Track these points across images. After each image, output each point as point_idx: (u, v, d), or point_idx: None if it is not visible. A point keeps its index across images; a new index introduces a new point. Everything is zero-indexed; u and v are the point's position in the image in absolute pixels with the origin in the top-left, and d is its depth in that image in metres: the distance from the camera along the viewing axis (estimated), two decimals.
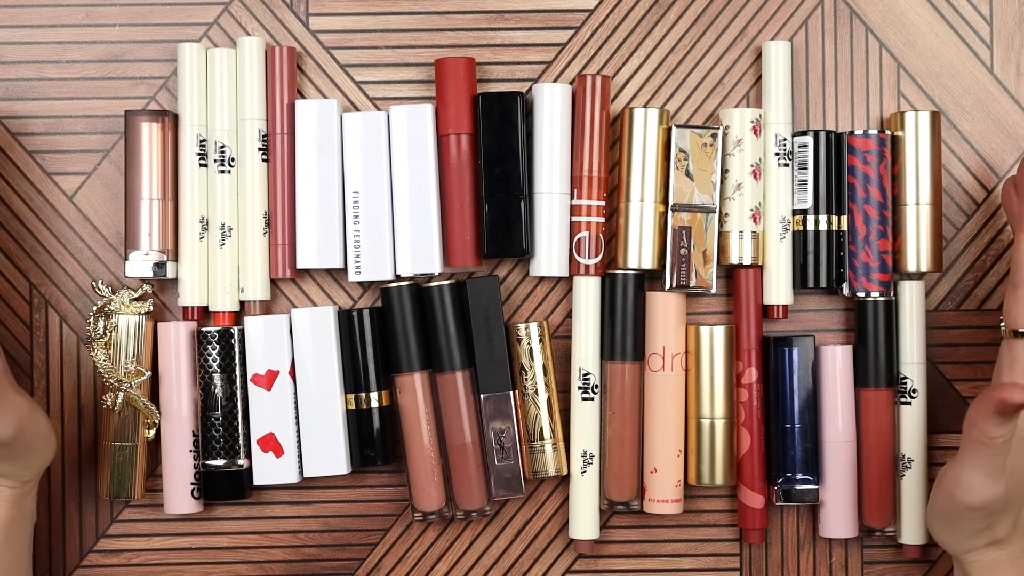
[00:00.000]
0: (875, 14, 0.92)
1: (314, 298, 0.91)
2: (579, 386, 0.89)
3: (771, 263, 0.90)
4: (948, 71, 0.92)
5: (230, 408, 0.89)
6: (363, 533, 0.92)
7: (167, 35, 0.91)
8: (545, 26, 0.92)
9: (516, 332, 0.89)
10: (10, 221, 0.91)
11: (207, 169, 0.89)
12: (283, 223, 0.89)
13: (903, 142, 0.89)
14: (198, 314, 0.90)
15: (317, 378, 0.89)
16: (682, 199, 0.89)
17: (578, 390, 0.89)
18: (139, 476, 0.89)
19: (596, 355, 0.89)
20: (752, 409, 0.89)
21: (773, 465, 0.90)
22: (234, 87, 0.89)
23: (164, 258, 0.88)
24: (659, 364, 0.89)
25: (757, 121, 0.89)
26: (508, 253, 0.88)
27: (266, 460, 0.89)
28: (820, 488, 0.90)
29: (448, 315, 0.88)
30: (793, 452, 0.89)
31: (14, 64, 0.91)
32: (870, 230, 0.89)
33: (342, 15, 0.91)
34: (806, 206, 0.89)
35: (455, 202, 0.88)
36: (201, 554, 0.91)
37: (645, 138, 0.89)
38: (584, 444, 0.89)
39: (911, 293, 0.90)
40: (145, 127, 0.88)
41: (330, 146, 0.89)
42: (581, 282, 0.89)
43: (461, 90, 0.89)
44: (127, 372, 0.88)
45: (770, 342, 0.89)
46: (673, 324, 0.89)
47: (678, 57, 0.92)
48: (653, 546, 0.92)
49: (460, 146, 0.89)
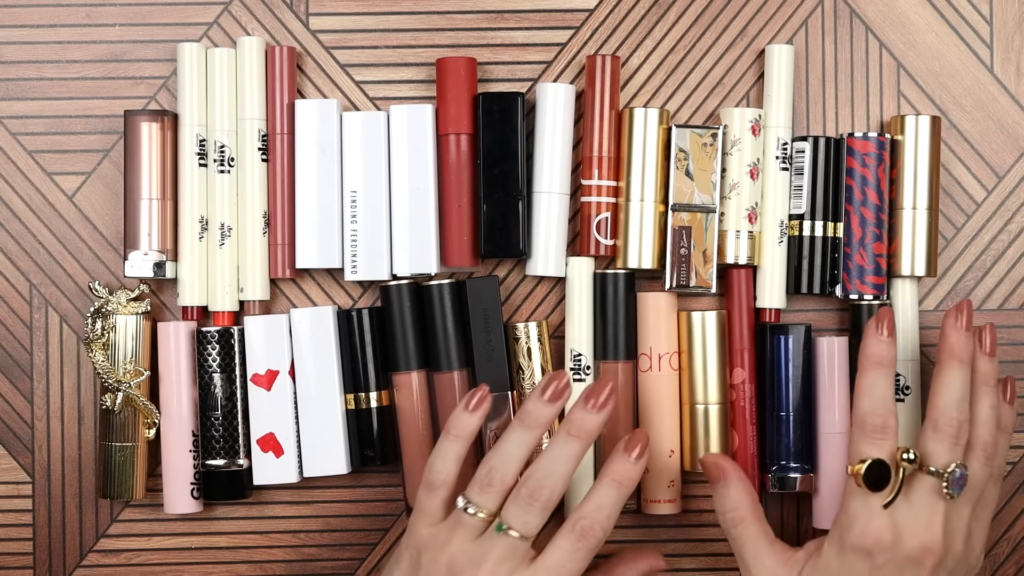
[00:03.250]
0: (875, 14, 0.92)
1: (314, 298, 0.91)
2: (571, 367, 0.89)
3: (766, 266, 0.90)
4: (948, 71, 0.92)
5: (230, 408, 0.89)
6: (363, 533, 0.92)
7: (167, 35, 0.91)
8: (545, 26, 0.92)
9: (514, 331, 0.89)
10: (10, 221, 0.91)
11: (207, 169, 0.89)
12: (283, 223, 0.89)
13: (902, 146, 0.89)
14: (198, 314, 0.90)
15: (317, 378, 0.89)
16: (682, 199, 0.89)
17: (570, 371, 0.89)
18: (139, 476, 0.89)
19: (589, 337, 0.89)
20: (741, 410, 0.89)
21: (767, 454, 0.90)
22: (234, 87, 0.89)
23: (163, 258, 0.88)
24: (647, 365, 0.89)
25: (756, 121, 0.89)
26: (505, 253, 0.88)
27: (266, 460, 0.89)
28: (814, 477, 0.90)
29: (447, 314, 0.88)
30: (788, 440, 0.89)
31: (14, 64, 0.91)
32: (866, 233, 0.89)
33: (342, 15, 0.91)
34: (801, 211, 0.89)
35: (453, 202, 0.89)
36: (201, 554, 0.92)
37: (645, 138, 0.89)
38: None
39: (904, 291, 0.90)
40: (145, 127, 0.88)
41: (330, 146, 0.89)
42: (574, 263, 0.89)
43: (462, 90, 0.89)
44: (126, 372, 0.88)
45: (765, 330, 0.89)
46: (663, 325, 0.89)
47: (678, 57, 0.92)
48: (652, 546, 0.92)
49: (459, 146, 0.89)
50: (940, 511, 0.81)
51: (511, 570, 0.80)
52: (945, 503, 0.81)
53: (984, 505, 0.84)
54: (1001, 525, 0.93)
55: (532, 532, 0.80)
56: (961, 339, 0.83)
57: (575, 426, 0.81)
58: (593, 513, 0.80)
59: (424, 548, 0.81)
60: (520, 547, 0.80)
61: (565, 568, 0.80)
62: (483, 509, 0.81)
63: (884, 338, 0.83)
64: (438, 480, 0.82)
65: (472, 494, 0.81)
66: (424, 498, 0.82)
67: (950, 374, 0.82)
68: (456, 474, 0.82)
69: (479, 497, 0.81)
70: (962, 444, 0.81)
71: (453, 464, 0.82)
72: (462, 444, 0.82)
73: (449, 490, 0.82)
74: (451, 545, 0.80)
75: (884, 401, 0.82)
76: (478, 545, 0.80)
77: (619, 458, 0.82)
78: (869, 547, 0.81)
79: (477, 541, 0.80)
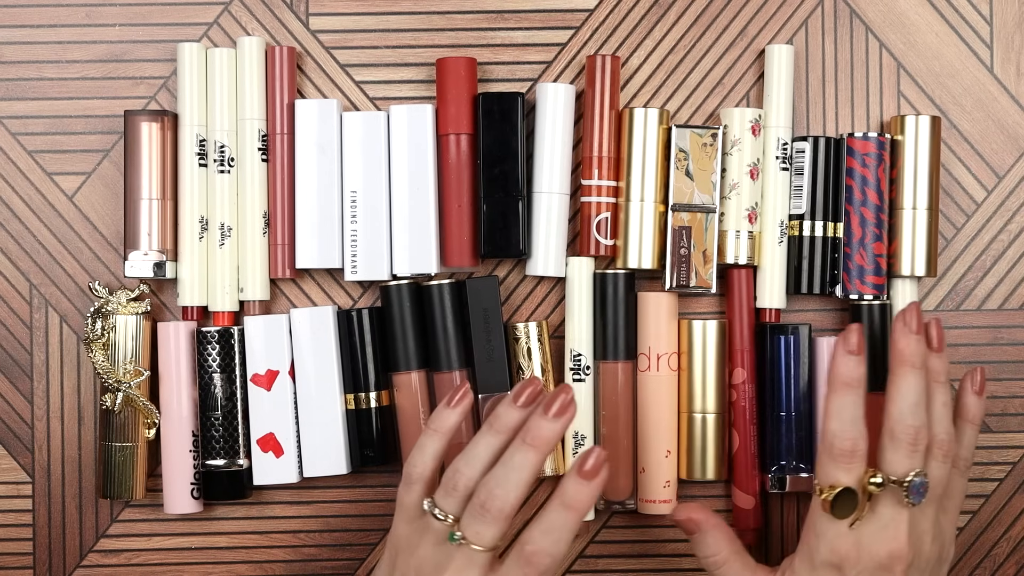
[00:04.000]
0: (875, 14, 0.92)
1: (314, 298, 0.91)
2: (570, 367, 0.89)
3: (766, 266, 0.90)
4: (948, 71, 0.92)
5: (230, 408, 0.89)
6: (363, 533, 0.92)
7: (167, 35, 0.91)
8: (545, 26, 0.92)
9: (514, 331, 0.89)
10: (10, 221, 0.91)
11: (207, 169, 0.89)
12: (283, 223, 0.89)
13: (902, 146, 0.89)
14: (198, 314, 0.90)
15: (317, 378, 0.89)
16: (682, 199, 0.89)
17: (569, 371, 0.89)
18: (139, 476, 0.89)
19: (589, 337, 0.89)
20: (741, 410, 0.89)
21: (767, 454, 0.90)
22: (234, 87, 0.89)
23: (163, 258, 0.88)
24: (646, 365, 0.89)
25: (756, 121, 0.89)
26: (505, 254, 0.88)
27: (266, 460, 0.89)
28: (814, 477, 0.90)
29: (447, 314, 0.88)
30: (788, 440, 0.89)
31: (14, 64, 0.91)
32: (866, 233, 0.89)
33: (342, 15, 0.91)
34: (801, 211, 0.89)
35: (453, 202, 0.89)
36: (201, 554, 0.92)
37: (645, 138, 0.89)
38: (576, 426, 0.89)
39: (904, 291, 0.90)
40: (145, 127, 0.88)
41: (330, 146, 0.89)
42: (574, 263, 0.89)
43: (462, 90, 0.89)
44: (126, 372, 0.88)
45: (766, 330, 0.89)
46: (663, 325, 0.89)
47: (678, 57, 0.92)
48: (652, 546, 0.92)
49: (459, 146, 0.89)
50: (904, 519, 0.80)
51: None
52: (908, 511, 0.81)
53: (950, 496, 0.84)
54: (1001, 525, 0.93)
55: (487, 543, 0.77)
56: (911, 344, 0.82)
57: (531, 434, 0.78)
58: (539, 539, 0.77)
59: (400, 550, 0.81)
60: (478, 558, 0.77)
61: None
62: (447, 513, 0.78)
63: (854, 356, 0.82)
64: (415, 474, 0.81)
65: (438, 497, 0.79)
66: (403, 493, 0.81)
67: (903, 380, 0.81)
68: (434, 470, 0.81)
69: (443, 501, 0.79)
70: (921, 450, 0.81)
71: (431, 459, 0.81)
72: (440, 439, 0.81)
73: (427, 485, 0.81)
74: (420, 549, 0.79)
75: (853, 423, 0.81)
76: (443, 552, 0.78)
77: (571, 480, 0.78)
78: (838, 563, 0.81)
79: (441, 547, 0.79)
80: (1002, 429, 0.92)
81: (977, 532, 0.93)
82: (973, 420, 0.85)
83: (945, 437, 0.82)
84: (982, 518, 0.93)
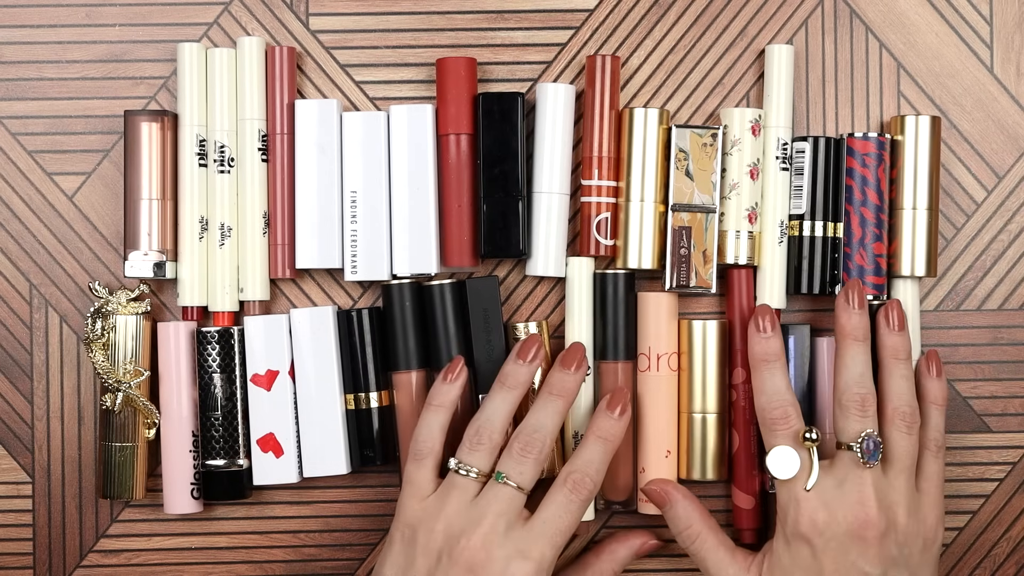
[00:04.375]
0: (875, 14, 0.92)
1: (314, 298, 0.91)
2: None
3: (766, 266, 0.90)
4: (948, 71, 0.92)
5: (230, 408, 0.89)
6: (363, 533, 0.92)
7: (167, 35, 0.91)
8: (545, 26, 0.92)
9: (514, 331, 0.89)
10: (10, 221, 0.91)
11: (207, 169, 0.89)
12: (283, 223, 0.89)
13: (902, 146, 0.89)
14: (198, 314, 0.90)
15: (317, 378, 0.89)
16: (682, 199, 0.89)
17: None
18: (139, 476, 0.89)
19: (589, 337, 0.89)
20: (741, 410, 0.89)
21: None
22: (234, 87, 0.89)
23: (163, 258, 0.88)
24: (646, 365, 0.89)
25: (756, 121, 0.89)
26: (505, 254, 0.88)
27: (266, 460, 0.89)
28: None
29: (447, 314, 0.88)
30: None
31: (14, 64, 0.91)
32: (866, 233, 0.89)
33: (342, 15, 0.91)
34: (801, 211, 0.89)
35: (453, 202, 0.89)
36: (201, 554, 0.92)
37: (645, 138, 0.89)
38: (576, 426, 0.89)
39: (905, 291, 0.90)
40: (145, 127, 0.88)
41: (330, 146, 0.89)
42: (574, 263, 0.89)
43: (462, 90, 0.89)
44: (126, 372, 0.88)
45: None
46: (663, 325, 0.89)
47: (678, 57, 0.92)
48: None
49: (459, 146, 0.89)
50: (868, 482, 0.83)
51: (509, 524, 0.82)
52: (870, 473, 0.83)
53: (927, 479, 0.86)
54: (1001, 525, 0.93)
55: (528, 483, 0.83)
56: (853, 318, 0.85)
57: (556, 387, 0.85)
58: (583, 467, 0.84)
59: (418, 523, 0.83)
60: (517, 499, 0.82)
61: (561, 519, 0.82)
62: (475, 468, 0.83)
63: (767, 335, 0.86)
64: (424, 449, 0.84)
65: (463, 454, 0.84)
66: (412, 470, 0.84)
67: (846, 353, 0.85)
68: (442, 442, 0.85)
69: (470, 456, 0.83)
70: (870, 415, 0.84)
71: (438, 432, 0.85)
72: (444, 413, 0.85)
73: (436, 459, 0.84)
74: (446, 510, 0.82)
75: (779, 393, 0.85)
76: (474, 506, 0.82)
77: (602, 416, 0.86)
78: (805, 532, 0.83)
79: (473, 502, 0.82)
80: (1002, 429, 0.92)
81: (977, 532, 0.93)
82: (936, 401, 0.87)
83: (907, 409, 0.85)
84: (982, 518, 0.93)
